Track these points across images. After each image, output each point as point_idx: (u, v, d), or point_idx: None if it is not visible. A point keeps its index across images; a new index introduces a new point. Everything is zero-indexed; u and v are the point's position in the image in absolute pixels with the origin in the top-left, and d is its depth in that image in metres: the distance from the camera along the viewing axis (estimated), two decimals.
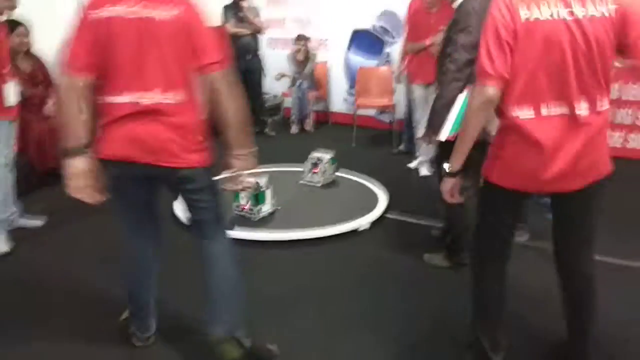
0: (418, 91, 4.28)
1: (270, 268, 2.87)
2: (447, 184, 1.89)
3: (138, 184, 1.92)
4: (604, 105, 1.64)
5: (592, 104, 1.62)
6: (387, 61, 5.99)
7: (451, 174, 1.85)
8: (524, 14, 1.58)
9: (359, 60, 6.17)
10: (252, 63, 5.66)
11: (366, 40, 6.10)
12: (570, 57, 1.58)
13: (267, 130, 5.92)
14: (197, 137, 1.90)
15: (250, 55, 5.59)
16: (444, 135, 2.46)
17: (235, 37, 5.49)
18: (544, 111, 1.62)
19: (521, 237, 3.07)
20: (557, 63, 1.59)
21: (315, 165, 3.94)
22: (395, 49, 5.87)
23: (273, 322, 2.36)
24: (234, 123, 1.92)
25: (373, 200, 3.66)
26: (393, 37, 5.90)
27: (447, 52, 2.45)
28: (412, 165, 4.58)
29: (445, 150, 2.70)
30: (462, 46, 2.37)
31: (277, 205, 3.54)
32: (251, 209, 3.39)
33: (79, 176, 1.78)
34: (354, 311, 2.45)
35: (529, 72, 1.60)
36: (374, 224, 3.37)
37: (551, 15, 1.57)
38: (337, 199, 3.77)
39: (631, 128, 4.88)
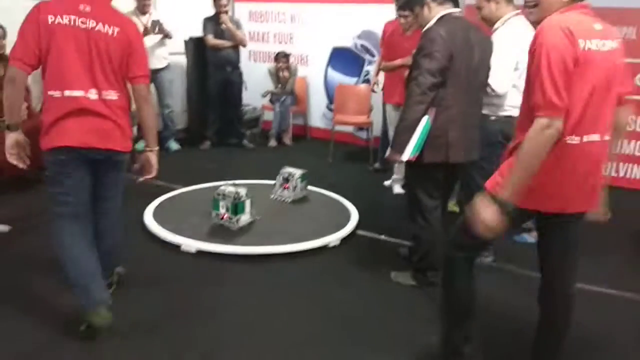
0: (390, 111, 4.39)
1: (239, 282, 2.86)
2: (490, 213, 1.71)
3: (86, 167, 2.28)
4: None
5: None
6: (366, 79, 6.08)
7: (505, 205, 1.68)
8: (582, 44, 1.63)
9: (338, 77, 6.25)
10: (232, 75, 5.67)
11: (346, 58, 6.18)
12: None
13: (245, 142, 5.93)
14: (128, 129, 2.36)
15: (230, 67, 5.61)
16: (405, 155, 2.52)
17: (215, 50, 5.51)
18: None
19: (487, 258, 3.13)
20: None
21: (286, 180, 3.94)
22: (375, 67, 5.97)
23: (240, 336, 2.35)
24: (151, 124, 2.45)
25: (345, 217, 3.69)
26: (373, 56, 6.00)
27: (413, 76, 2.52)
28: (387, 183, 4.64)
29: (413, 171, 2.77)
30: (427, 70, 2.44)
31: (257, 216, 3.57)
32: (230, 218, 3.40)
33: (16, 145, 2.22)
34: (320, 326, 2.45)
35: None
36: (345, 240, 3.40)
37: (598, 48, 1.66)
38: (308, 215, 3.79)
39: None
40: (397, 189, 4.42)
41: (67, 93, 2.16)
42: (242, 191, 3.42)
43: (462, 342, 2.10)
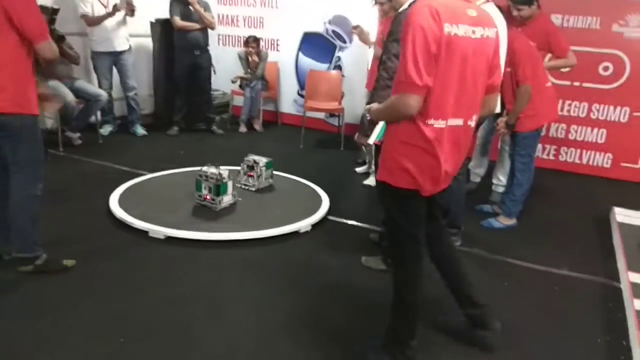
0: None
1: (211, 268, 2.82)
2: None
3: None
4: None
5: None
6: (338, 65, 6.05)
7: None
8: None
9: (310, 62, 6.20)
10: (201, 59, 5.54)
11: (317, 43, 6.13)
12: None
13: (214, 127, 5.83)
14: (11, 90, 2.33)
15: (199, 50, 5.48)
16: (372, 139, 2.53)
17: (183, 32, 5.38)
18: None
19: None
20: None
21: (251, 168, 3.86)
22: (346, 53, 5.95)
23: (211, 321, 2.33)
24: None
25: (316, 203, 3.69)
26: (344, 42, 5.97)
27: (382, 60, 2.52)
28: (359, 169, 4.64)
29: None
30: (395, 55, 2.44)
31: (238, 197, 3.60)
32: (213, 199, 3.43)
33: None
34: (291, 310, 2.45)
35: None
36: (316, 226, 3.40)
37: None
38: (279, 201, 3.77)
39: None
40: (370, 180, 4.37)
41: None
42: (225, 173, 3.46)
43: (410, 335, 2.05)
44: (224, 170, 3.51)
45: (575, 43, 4.76)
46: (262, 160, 3.89)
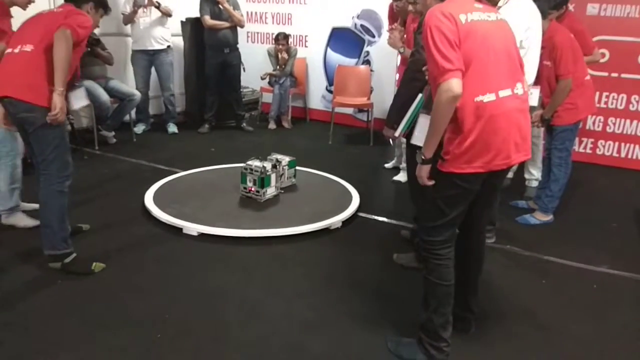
0: None
1: (243, 264, 2.86)
2: (423, 171, 1.95)
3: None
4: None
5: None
6: (367, 60, 6.02)
7: (426, 162, 1.92)
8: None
9: (338, 58, 6.18)
10: (231, 57, 5.60)
11: (346, 38, 6.11)
12: None
13: (244, 125, 5.89)
14: (37, 84, 2.48)
15: (228, 49, 5.54)
16: (398, 131, 2.52)
17: (213, 31, 5.44)
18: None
19: (489, 240, 3.14)
20: None
21: (274, 167, 3.76)
22: (375, 48, 5.91)
23: (244, 318, 2.36)
24: (57, 65, 2.44)
25: (346, 199, 3.68)
26: (373, 36, 5.93)
27: (412, 53, 2.50)
28: (388, 165, 4.60)
29: (411, 150, 2.76)
30: (423, 47, 2.41)
31: (280, 190, 3.74)
32: (258, 191, 3.57)
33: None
34: (322, 307, 2.46)
35: None
36: (346, 222, 3.39)
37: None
38: (310, 197, 3.78)
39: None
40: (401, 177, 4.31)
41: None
42: (268, 165, 3.60)
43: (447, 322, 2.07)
44: (268, 163, 3.62)
45: (613, 32, 4.62)
46: (285, 159, 3.87)
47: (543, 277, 2.83)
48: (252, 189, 3.58)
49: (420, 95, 2.48)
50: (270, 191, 3.63)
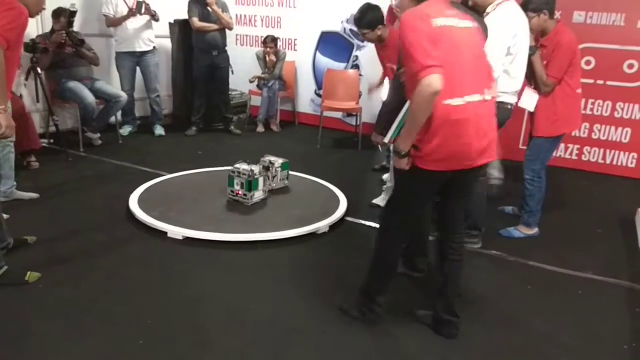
0: None
1: (228, 268, 2.83)
2: (402, 163, 2.04)
3: None
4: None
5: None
6: (355, 64, 6.02)
7: (403, 155, 2.01)
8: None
9: (327, 62, 6.18)
10: (219, 59, 5.56)
11: (335, 43, 6.11)
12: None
13: (232, 128, 5.85)
14: None
15: (216, 51, 5.50)
16: (387, 138, 2.52)
17: (201, 33, 5.40)
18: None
19: (475, 245, 3.14)
20: None
21: (266, 169, 3.79)
22: (364, 52, 5.92)
23: (229, 323, 2.33)
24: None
25: (333, 203, 3.67)
26: (362, 41, 5.92)
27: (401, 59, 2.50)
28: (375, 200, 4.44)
29: None
30: None
31: (268, 193, 3.73)
32: (245, 195, 3.52)
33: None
34: (309, 313, 2.44)
35: None
36: (333, 227, 3.38)
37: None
38: (296, 201, 3.76)
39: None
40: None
41: None
42: (256, 169, 3.56)
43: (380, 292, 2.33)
44: (256, 167, 3.58)
45: (599, 40, 4.68)
46: (278, 161, 3.88)
47: (528, 282, 2.84)
48: (239, 192, 3.55)
49: (409, 101, 2.48)
50: (258, 194, 3.60)
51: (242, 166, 3.56)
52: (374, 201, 3.85)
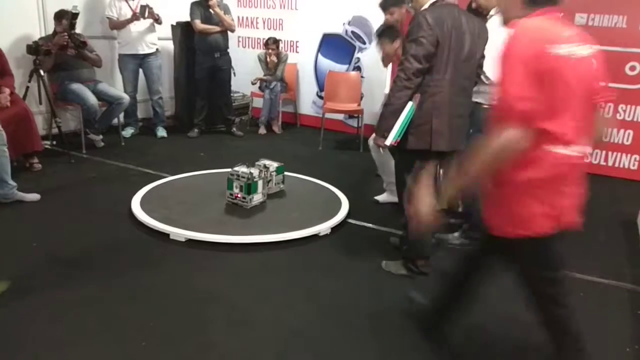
0: None
1: (230, 270, 2.83)
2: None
3: None
4: None
5: None
6: (357, 66, 6.03)
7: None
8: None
9: (329, 64, 6.19)
10: (221, 61, 5.57)
11: (337, 45, 6.11)
12: None
13: (234, 129, 5.86)
14: None
15: (219, 53, 5.51)
16: (389, 140, 2.52)
17: (203, 35, 5.41)
18: None
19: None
20: None
21: (261, 173, 3.71)
22: (365, 54, 5.93)
23: (231, 325, 2.33)
24: None
25: (335, 206, 3.67)
26: (364, 43, 5.94)
27: (400, 61, 2.51)
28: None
29: (400, 156, 2.76)
30: (413, 56, 2.43)
31: (266, 197, 3.71)
32: (244, 197, 3.51)
33: None
34: (311, 315, 2.44)
35: None
36: (335, 229, 3.38)
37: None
38: (298, 203, 3.76)
39: None
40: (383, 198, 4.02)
41: None
42: (255, 172, 3.53)
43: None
44: (255, 169, 3.57)
45: (601, 42, 4.64)
46: (273, 165, 3.83)
47: None
48: (239, 195, 3.55)
49: (410, 103, 2.49)
50: (257, 198, 3.59)
51: (242, 169, 3.55)
52: (377, 197, 3.88)
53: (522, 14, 1.62)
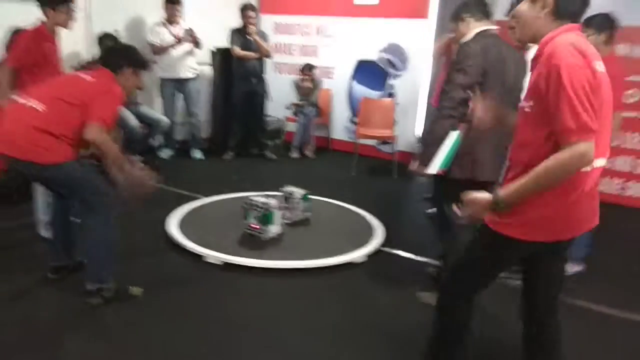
0: None
1: (264, 295, 2.83)
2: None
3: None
4: None
5: None
6: (391, 93, 6.04)
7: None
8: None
9: (363, 90, 6.23)
10: (257, 86, 5.68)
11: (371, 71, 6.16)
12: None
13: (267, 153, 5.92)
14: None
15: (255, 78, 5.63)
16: (433, 169, 2.49)
17: (241, 61, 5.54)
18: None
19: (516, 281, 3.04)
20: None
21: (286, 200, 3.69)
22: (399, 81, 5.95)
23: (261, 350, 2.31)
24: None
25: (370, 233, 3.64)
26: (397, 70, 5.97)
27: (445, 90, 2.49)
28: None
29: (441, 186, 2.72)
30: (459, 85, 2.43)
31: (286, 227, 3.57)
32: (260, 228, 3.39)
33: None
34: (343, 344, 2.40)
35: None
36: (370, 257, 3.34)
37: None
38: (333, 230, 3.74)
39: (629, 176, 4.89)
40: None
41: None
42: (272, 202, 3.41)
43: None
44: (272, 199, 3.45)
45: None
46: (299, 193, 3.71)
47: (576, 322, 2.72)
48: (256, 226, 3.39)
49: (457, 132, 2.46)
50: (275, 229, 3.44)
51: (259, 199, 3.41)
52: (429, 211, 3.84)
53: (552, 27, 1.61)
